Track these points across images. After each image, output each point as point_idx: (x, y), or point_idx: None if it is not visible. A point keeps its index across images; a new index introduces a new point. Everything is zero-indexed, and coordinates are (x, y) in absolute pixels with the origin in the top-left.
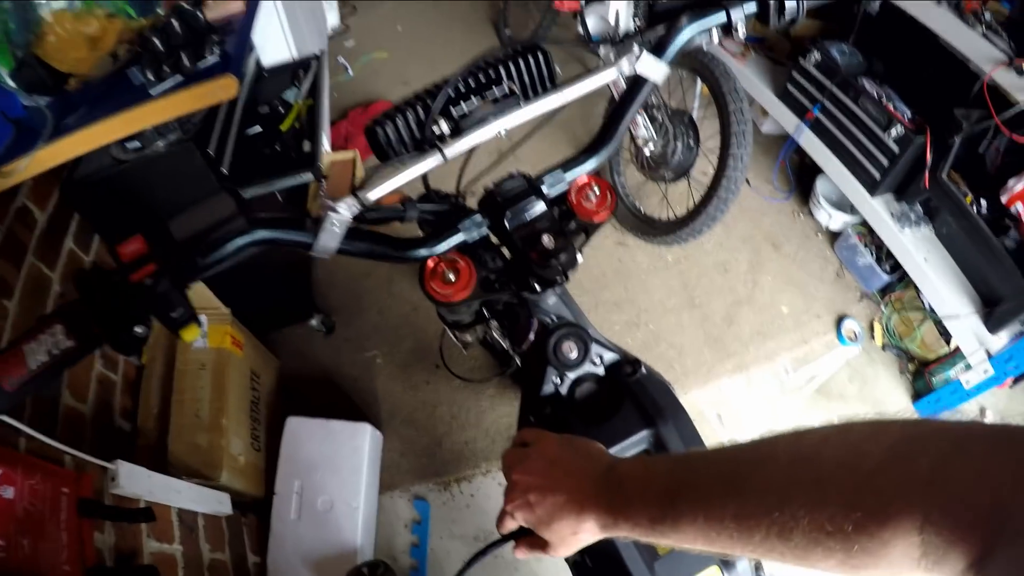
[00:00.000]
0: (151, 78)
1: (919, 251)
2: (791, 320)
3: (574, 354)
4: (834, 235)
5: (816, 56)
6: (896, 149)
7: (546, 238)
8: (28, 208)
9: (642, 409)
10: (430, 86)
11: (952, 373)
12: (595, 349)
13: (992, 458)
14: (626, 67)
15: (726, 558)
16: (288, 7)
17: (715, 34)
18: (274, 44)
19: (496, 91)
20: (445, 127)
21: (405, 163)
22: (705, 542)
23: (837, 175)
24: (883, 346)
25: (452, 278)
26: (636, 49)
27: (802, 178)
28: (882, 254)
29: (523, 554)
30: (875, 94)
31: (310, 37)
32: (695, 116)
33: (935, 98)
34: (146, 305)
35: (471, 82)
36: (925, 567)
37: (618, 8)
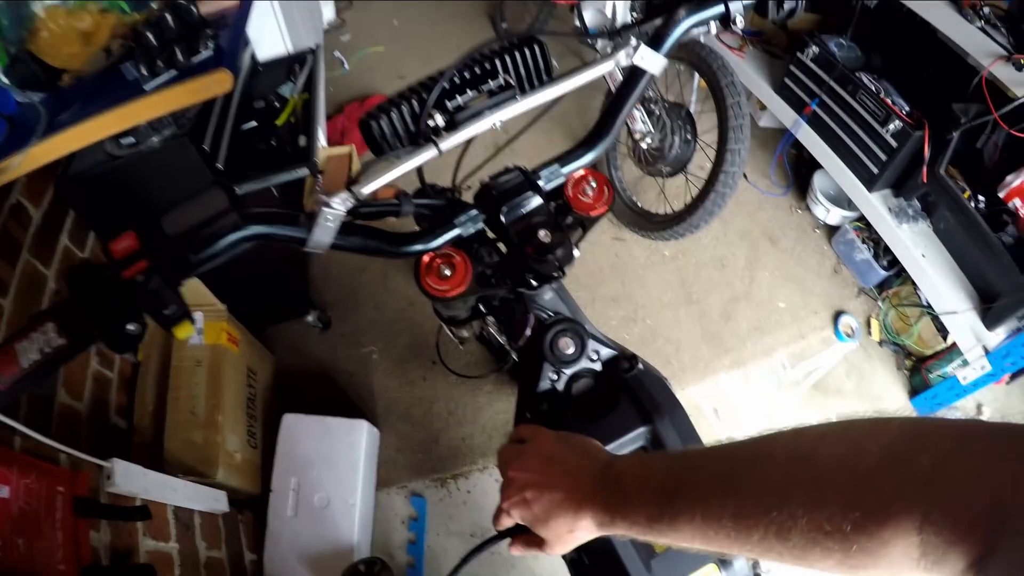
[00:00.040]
0: (145, 73)
1: (916, 247)
2: (788, 316)
3: (571, 350)
4: (831, 230)
5: (814, 50)
6: (894, 144)
7: (542, 232)
8: (23, 205)
9: (639, 405)
10: (425, 79)
11: (949, 369)
12: (592, 345)
13: (992, 457)
14: (623, 59)
15: (724, 557)
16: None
17: (713, 27)
18: (269, 38)
19: (492, 84)
20: (440, 120)
21: (400, 157)
22: (703, 541)
23: (835, 170)
24: (880, 342)
25: (448, 273)
26: (633, 41)
27: (800, 173)
28: (879, 249)
29: (519, 551)
30: (873, 88)
31: (305, 31)
32: (692, 110)
33: (933, 93)
34: (138, 302)
35: (467, 75)
36: (924, 567)
37: (615, 0)
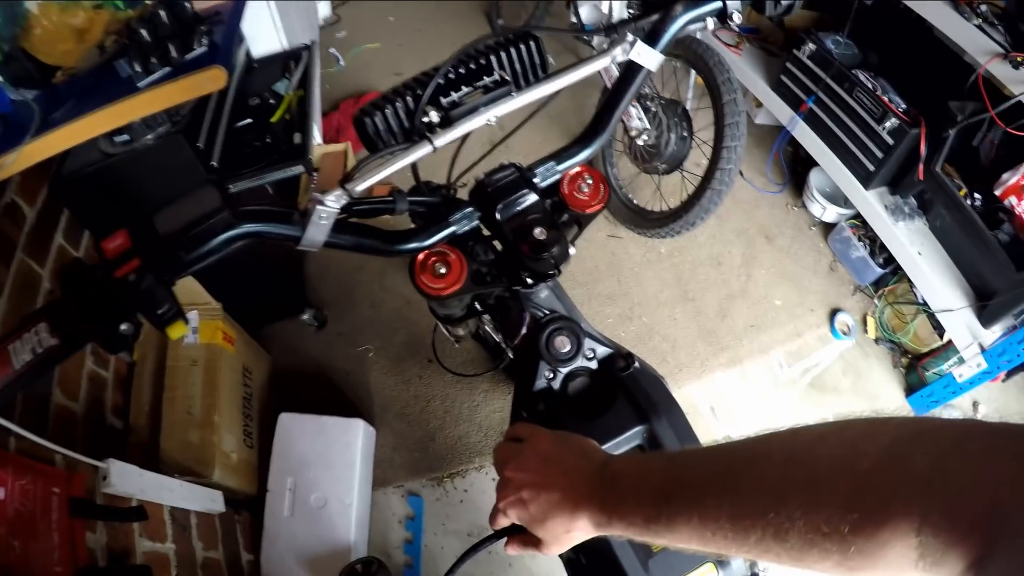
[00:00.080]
0: (138, 70)
1: (913, 244)
2: (785, 313)
3: (567, 348)
4: (828, 228)
5: (811, 47)
6: (890, 141)
7: (538, 230)
8: (17, 204)
9: (635, 404)
10: (420, 75)
11: (945, 367)
12: (588, 343)
13: (991, 457)
14: (619, 55)
15: (721, 557)
16: None
17: (710, 23)
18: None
19: (487, 80)
20: (435, 116)
21: (394, 153)
22: (700, 542)
23: (831, 167)
24: (876, 340)
25: (443, 272)
26: (629, 37)
27: (796, 170)
28: (876, 247)
29: (516, 551)
30: (870, 86)
31: (301, 28)
32: (689, 107)
33: (930, 90)
34: (131, 302)
35: (462, 71)
36: (923, 569)
37: None
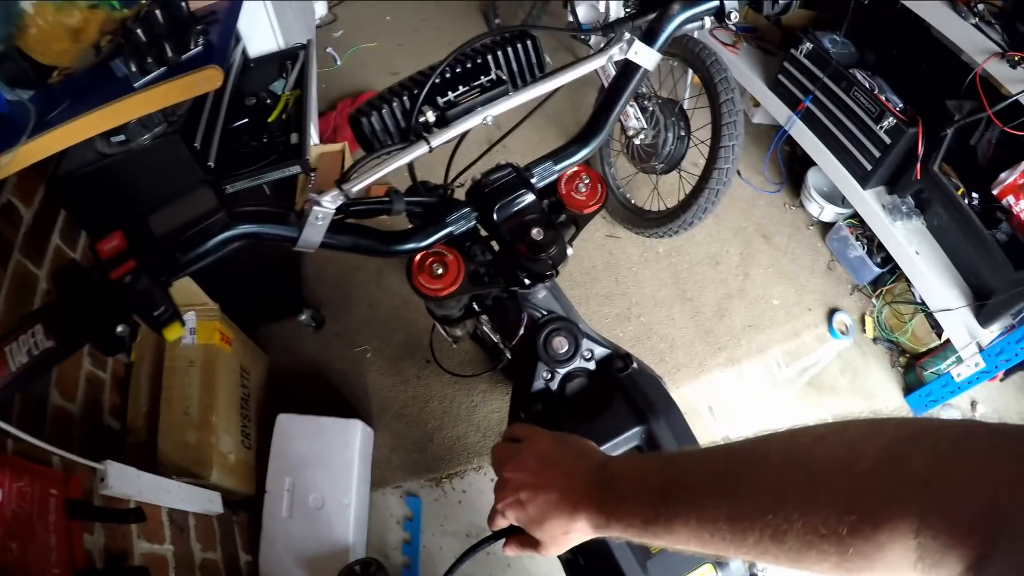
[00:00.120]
0: (134, 70)
1: (910, 244)
2: (782, 313)
3: (564, 349)
4: (825, 227)
5: (808, 46)
6: (888, 140)
7: (535, 230)
8: (13, 204)
9: (633, 405)
10: (416, 74)
11: (943, 366)
12: (586, 344)
13: (990, 458)
14: (617, 54)
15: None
16: None
17: (707, 22)
18: (261, 34)
19: (484, 79)
20: (431, 116)
21: (391, 154)
22: (699, 544)
23: (828, 166)
24: (874, 339)
25: (440, 272)
26: (627, 36)
27: (793, 169)
28: (873, 247)
29: (514, 552)
30: (867, 85)
31: (297, 27)
32: (686, 107)
33: (927, 90)
34: (127, 303)
35: (458, 70)
36: (922, 570)
37: None
